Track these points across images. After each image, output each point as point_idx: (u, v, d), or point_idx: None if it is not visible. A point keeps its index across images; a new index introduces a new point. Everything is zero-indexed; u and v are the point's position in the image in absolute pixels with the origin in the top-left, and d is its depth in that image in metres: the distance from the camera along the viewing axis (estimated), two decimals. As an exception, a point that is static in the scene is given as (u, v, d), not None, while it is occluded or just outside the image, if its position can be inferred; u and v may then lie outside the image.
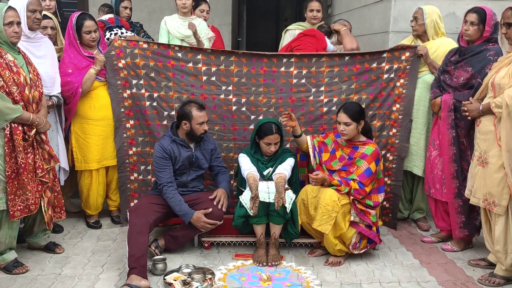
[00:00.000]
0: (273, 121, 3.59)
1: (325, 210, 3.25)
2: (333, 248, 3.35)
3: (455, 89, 3.51)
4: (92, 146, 3.86)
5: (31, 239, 3.48)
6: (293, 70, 3.85)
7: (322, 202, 3.27)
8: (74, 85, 3.68)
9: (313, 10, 4.53)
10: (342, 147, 3.51)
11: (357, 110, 3.43)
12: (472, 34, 3.41)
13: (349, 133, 3.40)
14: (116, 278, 3.14)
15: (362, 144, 3.44)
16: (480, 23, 3.36)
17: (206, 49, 3.93)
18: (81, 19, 3.73)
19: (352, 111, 3.39)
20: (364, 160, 3.36)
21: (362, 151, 3.40)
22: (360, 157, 3.39)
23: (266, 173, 3.55)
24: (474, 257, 3.50)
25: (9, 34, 3.02)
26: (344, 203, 3.30)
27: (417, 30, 3.89)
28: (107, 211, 4.18)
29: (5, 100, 2.97)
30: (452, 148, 3.51)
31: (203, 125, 3.47)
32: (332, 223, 3.25)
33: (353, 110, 3.40)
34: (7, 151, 3.02)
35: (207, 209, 3.39)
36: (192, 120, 3.44)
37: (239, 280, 3.13)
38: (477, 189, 3.16)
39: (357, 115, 3.39)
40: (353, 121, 3.38)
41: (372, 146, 3.42)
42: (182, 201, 3.41)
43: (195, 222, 3.37)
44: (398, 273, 3.27)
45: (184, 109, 3.47)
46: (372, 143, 3.46)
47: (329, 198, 3.26)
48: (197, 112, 3.43)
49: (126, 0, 4.87)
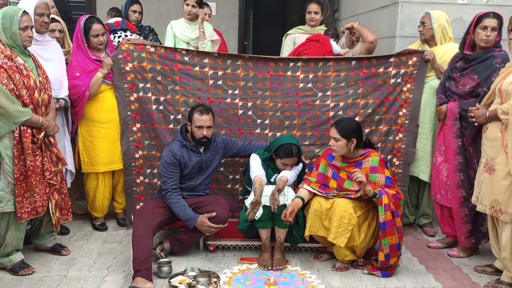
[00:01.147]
0: (294, 143, 3.50)
1: (341, 222, 3.17)
2: (342, 257, 3.34)
3: (461, 96, 3.48)
4: (99, 149, 3.88)
5: (37, 241, 3.49)
6: (300, 75, 3.86)
7: (337, 214, 3.18)
8: (81, 88, 3.70)
9: (311, 12, 4.56)
10: (343, 168, 3.35)
11: (350, 127, 3.27)
12: (493, 41, 3.31)
13: (337, 149, 3.28)
14: (122, 280, 3.15)
15: (363, 158, 3.31)
16: (499, 28, 3.32)
17: (213, 53, 3.95)
18: (89, 23, 3.75)
19: (344, 128, 3.25)
20: (377, 174, 3.25)
21: (369, 165, 3.28)
22: (370, 172, 3.26)
23: (273, 179, 3.54)
24: (481, 263, 3.48)
25: (23, 38, 3.05)
26: (359, 215, 3.24)
27: (424, 34, 3.89)
28: (113, 214, 4.19)
29: (15, 103, 2.99)
30: (458, 158, 3.49)
31: (201, 130, 3.41)
32: (348, 236, 3.17)
33: (344, 127, 3.26)
34: (16, 153, 3.04)
35: (211, 213, 3.39)
36: (192, 122, 3.44)
37: (244, 284, 3.13)
38: (483, 196, 3.14)
39: (348, 132, 3.24)
40: (342, 137, 3.23)
41: (374, 155, 3.30)
42: (186, 206, 3.41)
43: (200, 226, 3.37)
44: (404, 279, 3.26)
45: (190, 110, 3.50)
46: (372, 152, 3.34)
47: (346, 211, 3.17)
48: (197, 115, 3.41)
49: (136, 4, 4.91)
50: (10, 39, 3.02)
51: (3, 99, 2.94)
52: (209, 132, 3.44)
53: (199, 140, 3.45)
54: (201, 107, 3.46)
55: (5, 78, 2.96)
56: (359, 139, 3.31)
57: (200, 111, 3.42)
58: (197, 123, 3.40)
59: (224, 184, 4.01)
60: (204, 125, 3.41)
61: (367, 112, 3.90)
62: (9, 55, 3.01)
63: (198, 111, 3.42)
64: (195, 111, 3.43)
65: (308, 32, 4.58)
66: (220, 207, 3.47)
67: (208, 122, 3.43)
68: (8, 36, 3.01)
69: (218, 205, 3.48)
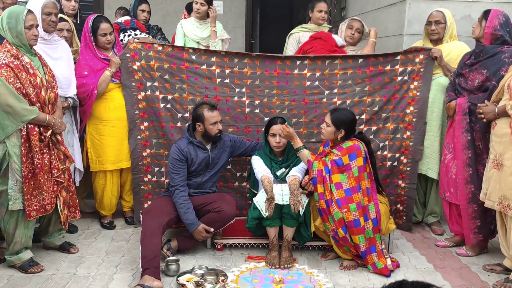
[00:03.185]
0: (281, 117, 3.60)
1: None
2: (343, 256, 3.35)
3: (470, 92, 3.48)
4: (107, 147, 3.89)
5: (46, 239, 3.52)
6: (307, 72, 3.85)
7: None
8: (89, 87, 3.72)
9: (321, 11, 4.53)
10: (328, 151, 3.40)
11: (343, 118, 3.31)
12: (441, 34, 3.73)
13: (325, 134, 3.37)
14: (130, 278, 3.16)
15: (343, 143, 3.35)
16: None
17: (220, 51, 3.95)
18: (97, 22, 3.77)
19: (337, 116, 3.32)
20: (338, 151, 3.28)
21: (342, 146, 3.31)
22: (335, 148, 3.34)
23: (279, 173, 3.54)
24: (489, 262, 3.45)
25: (29, 37, 3.06)
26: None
27: (439, 33, 3.83)
28: (121, 212, 4.21)
29: (22, 101, 3.01)
30: (467, 152, 3.47)
31: (216, 125, 3.48)
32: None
33: (338, 116, 3.32)
34: (23, 151, 3.06)
35: (210, 228, 3.42)
36: (205, 121, 3.46)
37: (251, 282, 3.14)
38: (492, 192, 3.13)
39: (339, 122, 3.30)
40: (332, 124, 3.32)
41: (351, 141, 3.31)
42: (190, 209, 3.42)
43: (196, 234, 3.41)
44: (412, 277, 3.21)
45: (197, 111, 3.50)
46: (354, 139, 3.33)
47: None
48: (209, 112, 3.45)
49: (144, 4, 4.92)
50: (16, 38, 3.04)
51: (10, 98, 2.97)
52: (221, 126, 3.53)
53: (215, 135, 3.50)
54: (208, 105, 3.51)
55: (12, 77, 2.98)
56: (348, 132, 3.35)
57: (209, 108, 3.48)
58: (211, 120, 3.46)
59: (231, 182, 4.01)
60: (217, 120, 3.49)
61: (374, 110, 3.89)
62: (16, 54, 3.04)
63: (207, 109, 3.46)
64: (204, 110, 3.46)
65: (312, 30, 4.56)
66: (226, 203, 3.49)
67: (219, 116, 3.53)
68: (14, 35, 3.03)
69: (224, 201, 3.50)
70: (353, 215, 3.20)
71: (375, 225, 3.25)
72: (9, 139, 3.04)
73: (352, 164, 3.25)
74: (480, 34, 3.42)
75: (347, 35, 4.24)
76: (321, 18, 4.55)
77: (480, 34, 3.42)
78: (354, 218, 3.20)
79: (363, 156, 3.29)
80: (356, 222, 3.21)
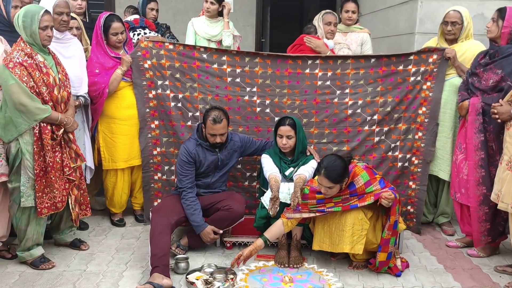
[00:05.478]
0: (290, 117, 3.54)
1: (355, 230, 3.13)
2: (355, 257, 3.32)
3: (484, 92, 3.42)
4: (119, 145, 3.91)
5: (57, 236, 3.55)
6: (318, 72, 3.84)
7: (348, 223, 3.14)
8: (101, 85, 3.74)
9: (348, 11, 4.52)
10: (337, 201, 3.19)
11: (340, 173, 3.08)
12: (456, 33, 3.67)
13: (331, 194, 3.14)
14: (139, 275, 3.18)
15: (351, 179, 3.17)
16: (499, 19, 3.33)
17: (231, 50, 3.95)
18: (109, 21, 3.78)
19: (335, 176, 3.07)
20: (372, 185, 3.14)
21: (362, 183, 3.14)
22: (366, 187, 3.14)
23: (288, 173, 3.53)
24: (501, 263, 3.43)
25: (43, 38, 3.08)
26: (371, 216, 3.21)
27: (455, 34, 3.77)
28: (131, 210, 4.23)
29: (35, 100, 3.04)
30: (479, 153, 3.42)
31: (214, 137, 3.42)
32: (364, 242, 3.14)
33: (335, 174, 3.07)
34: (36, 149, 3.09)
35: (218, 230, 3.45)
36: (205, 128, 3.46)
37: (260, 281, 3.14)
38: (505, 194, 3.09)
39: (340, 178, 3.09)
40: (335, 184, 3.10)
41: (359, 170, 3.17)
42: (198, 210, 3.43)
43: (204, 236, 3.43)
44: (422, 278, 3.23)
45: (205, 114, 3.47)
46: (353, 167, 3.18)
47: (356, 217, 3.14)
48: (210, 123, 3.39)
49: (153, 2, 4.93)
50: (30, 37, 3.06)
51: (24, 97, 2.99)
52: (222, 138, 3.46)
53: (213, 144, 3.48)
54: (215, 114, 3.39)
55: (25, 76, 3.01)
56: (348, 175, 3.17)
57: (213, 119, 3.37)
58: (210, 131, 3.42)
59: (241, 182, 4.02)
60: (217, 133, 3.42)
61: (386, 110, 3.86)
62: (29, 53, 3.06)
63: (211, 119, 3.38)
64: (209, 118, 3.39)
65: (343, 31, 4.54)
66: (236, 201, 3.50)
67: (221, 130, 3.41)
68: (28, 34, 3.05)
69: (234, 199, 3.51)
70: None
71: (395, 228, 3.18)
72: (22, 137, 3.06)
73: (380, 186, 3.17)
74: (497, 35, 3.35)
75: (326, 31, 4.16)
76: (348, 18, 4.52)
77: (497, 35, 3.35)
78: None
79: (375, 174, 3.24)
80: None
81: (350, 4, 4.50)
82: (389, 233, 3.15)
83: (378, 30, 5.61)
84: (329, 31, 4.16)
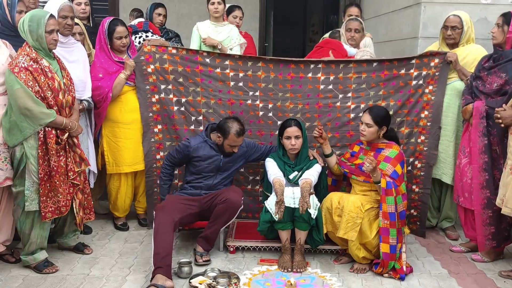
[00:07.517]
0: (294, 118, 3.63)
1: (350, 217, 3.24)
2: (357, 256, 3.33)
3: (488, 95, 3.42)
4: (123, 149, 3.92)
5: (61, 240, 3.56)
6: (320, 76, 3.84)
7: (346, 209, 3.26)
8: (104, 89, 3.75)
9: (351, 15, 4.54)
10: (366, 151, 3.48)
11: (382, 115, 3.40)
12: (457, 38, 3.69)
13: (367, 134, 3.39)
14: (143, 280, 3.18)
15: (385, 146, 3.42)
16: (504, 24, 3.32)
17: (234, 55, 3.96)
18: (113, 25, 3.80)
19: (376, 114, 3.38)
20: (388, 163, 3.32)
21: (386, 154, 3.37)
22: (384, 160, 3.34)
23: (292, 177, 3.54)
24: (505, 268, 3.41)
25: (49, 42, 3.11)
26: (368, 208, 3.28)
27: (455, 38, 3.77)
28: (135, 214, 4.24)
29: (40, 105, 3.06)
30: (483, 157, 3.42)
31: (233, 148, 3.53)
32: (357, 230, 3.24)
33: (377, 114, 3.39)
34: (40, 154, 3.10)
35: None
36: (226, 139, 3.49)
37: (264, 285, 3.14)
38: (509, 198, 3.08)
39: (379, 119, 3.37)
40: (375, 123, 3.36)
41: (395, 148, 3.40)
42: (167, 186, 3.69)
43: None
44: (426, 283, 3.22)
45: (225, 125, 3.50)
46: (395, 145, 3.43)
47: (352, 205, 3.25)
48: (234, 136, 3.47)
49: (160, 7, 4.94)
50: (36, 41, 3.08)
51: (29, 101, 3.01)
52: (237, 150, 3.57)
53: (227, 153, 3.57)
54: (239, 127, 3.49)
55: (30, 80, 3.03)
56: (388, 128, 3.43)
57: (238, 133, 3.48)
58: (233, 143, 3.51)
59: (244, 185, 4.02)
60: (237, 145, 3.53)
61: (389, 114, 3.87)
62: (35, 58, 3.08)
63: (235, 132, 3.46)
64: (232, 131, 3.46)
65: None
66: (231, 192, 3.54)
67: (242, 141, 3.57)
68: (34, 38, 3.08)
69: (229, 191, 3.55)
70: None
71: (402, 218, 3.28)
72: (27, 141, 3.08)
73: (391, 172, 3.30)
74: (502, 40, 3.33)
75: (347, 38, 4.21)
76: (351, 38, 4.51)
77: (502, 40, 3.33)
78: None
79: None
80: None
81: (353, 9, 4.51)
82: (386, 222, 3.22)
83: (381, 35, 5.62)
84: (350, 38, 4.20)
